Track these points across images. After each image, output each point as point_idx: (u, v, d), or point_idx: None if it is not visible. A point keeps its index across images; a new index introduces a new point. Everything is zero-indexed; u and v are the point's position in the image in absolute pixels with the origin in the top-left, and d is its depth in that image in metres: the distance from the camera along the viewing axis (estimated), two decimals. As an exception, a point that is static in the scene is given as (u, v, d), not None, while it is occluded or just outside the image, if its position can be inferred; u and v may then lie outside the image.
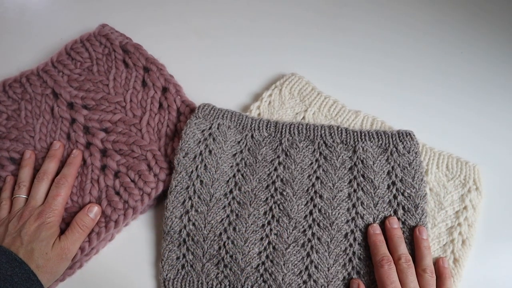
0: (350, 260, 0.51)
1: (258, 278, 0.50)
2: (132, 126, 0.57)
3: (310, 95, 0.62)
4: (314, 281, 0.50)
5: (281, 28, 0.70)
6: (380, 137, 0.55)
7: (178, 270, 0.52)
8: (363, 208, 0.52)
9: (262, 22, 0.71)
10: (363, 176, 0.53)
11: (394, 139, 0.55)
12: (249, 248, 0.51)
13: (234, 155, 0.55)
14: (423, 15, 0.73)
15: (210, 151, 0.54)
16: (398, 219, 0.52)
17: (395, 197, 0.53)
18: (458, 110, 0.65)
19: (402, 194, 0.53)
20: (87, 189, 0.54)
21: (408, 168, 0.54)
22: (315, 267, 0.51)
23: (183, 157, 0.53)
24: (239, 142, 0.55)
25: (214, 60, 0.67)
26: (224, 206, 0.53)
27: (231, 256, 0.51)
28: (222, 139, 0.55)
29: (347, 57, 0.68)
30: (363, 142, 0.55)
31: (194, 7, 0.71)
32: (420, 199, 0.52)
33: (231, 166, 0.54)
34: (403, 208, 0.52)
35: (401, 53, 0.69)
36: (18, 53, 0.66)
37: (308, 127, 0.56)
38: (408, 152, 0.54)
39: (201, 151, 0.54)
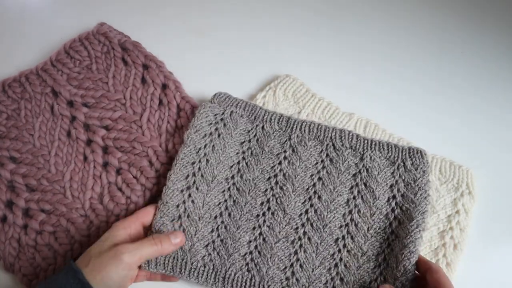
0: (336, 265, 0.51)
1: (243, 267, 0.51)
2: (132, 123, 0.57)
3: (304, 96, 0.62)
4: (297, 279, 0.51)
5: (279, 29, 0.70)
6: (390, 149, 0.54)
7: None
8: (359, 216, 0.52)
9: (260, 23, 0.71)
10: (365, 184, 0.53)
11: (404, 154, 0.54)
12: (240, 235, 0.51)
13: (242, 143, 0.55)
14: (423, 16, 0.73)
15: (219, 134, 0.55)
16: (392, 232, 0.51)
17: (393, 210, 0.52)
18: (456, 111, 0.65)
19: (400, 208, 0.52)
20: (89, 185, 0.54)
21: (412, 185, 0.52)
22: (300, 266, 0.51)
23: (194, 133, 0.54)
24: (248, 132, 0.56)
25: (210, 60, 0.66)
26: (224, 190, 0.53)
27: (221, 240, 0.51)
28: (233, 126, 0.55)
29: (346, 58, 0.68)
30: (372, 151, 0.54)
31: (192, 7, 0.72)
32: (418, 214, 0.50)
33: (237, 153, 0.55)
34: (399, 221, 0.51)
35: (401, 53, 0.69)
36: (18, 53, 0.65)
37: (319, 127, 0.56)
38: (416, 169, 0.53)
39: (211, 132, 0.54)
